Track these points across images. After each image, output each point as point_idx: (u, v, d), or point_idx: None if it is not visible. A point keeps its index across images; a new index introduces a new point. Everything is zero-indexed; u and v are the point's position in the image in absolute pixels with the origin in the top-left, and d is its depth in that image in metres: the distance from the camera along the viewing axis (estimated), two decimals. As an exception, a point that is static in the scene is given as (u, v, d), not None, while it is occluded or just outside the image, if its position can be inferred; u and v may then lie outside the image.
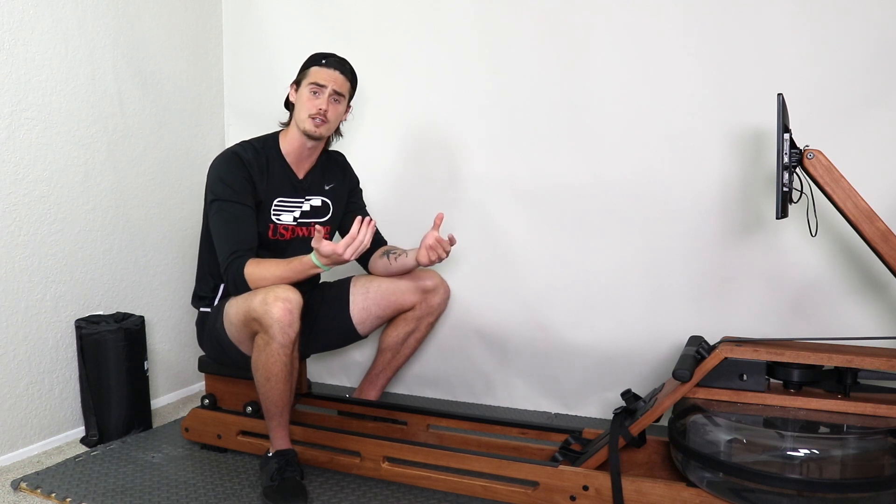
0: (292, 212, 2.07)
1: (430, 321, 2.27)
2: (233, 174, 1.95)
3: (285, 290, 1.78)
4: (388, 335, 2.28)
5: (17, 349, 2.10)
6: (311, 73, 2.00)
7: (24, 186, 2.09)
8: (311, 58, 2.04)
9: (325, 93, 1.98)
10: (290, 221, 2.07)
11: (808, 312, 2.12)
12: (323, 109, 1.97)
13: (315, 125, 1.99)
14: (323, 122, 1.99)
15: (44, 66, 2.12)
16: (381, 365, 2.33)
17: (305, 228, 2.11)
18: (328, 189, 2.15)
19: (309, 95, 1.98)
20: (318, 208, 2.13)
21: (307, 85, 1.99)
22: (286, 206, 2.06)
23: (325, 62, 2.01)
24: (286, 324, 1.75)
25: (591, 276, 2.35)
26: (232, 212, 1.93)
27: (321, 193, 2.14)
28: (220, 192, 1.94)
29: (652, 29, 2.19)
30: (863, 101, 2.00)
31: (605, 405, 2.41)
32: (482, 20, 2.38)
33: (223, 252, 1.92)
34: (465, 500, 1.82)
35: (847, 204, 1.65)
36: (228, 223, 1.93)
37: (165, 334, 2.60)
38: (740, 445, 1.55)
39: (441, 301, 2.24)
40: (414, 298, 2.20)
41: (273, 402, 1.84)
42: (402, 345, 2.29)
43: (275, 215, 2.04)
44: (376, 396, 2.35)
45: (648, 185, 2.24)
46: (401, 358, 2.32)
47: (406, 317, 2.24)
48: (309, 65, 2.03)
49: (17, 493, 1.89)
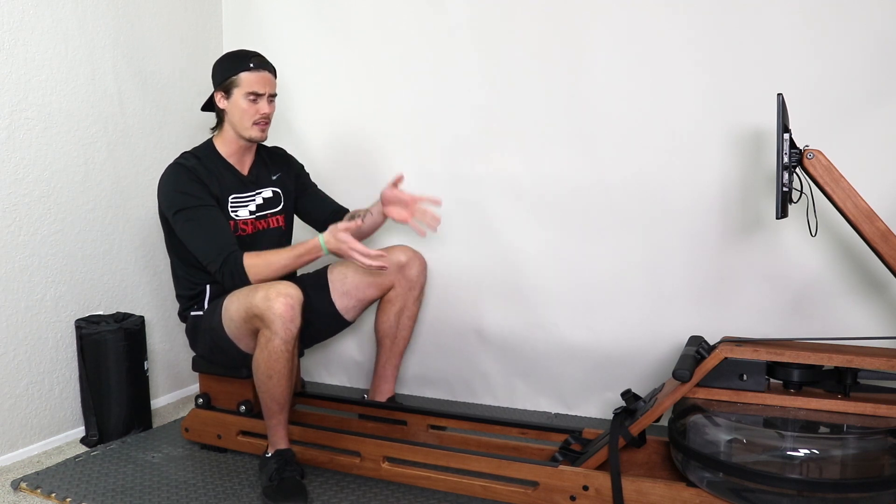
0: (247, 206, 2.10)
1: (414, 295, 2.26)
2: (185, 183, 1.97)
3: (286, 285, 1.79)
4: (381, 321, 2.29)
5: (17, 349, 2.10)
6: (243, 80, 2.00)
7: (24, 186, 2.09)
8: (234, 61, 2.03)
9: (264, 98, 2.03)
10: (247, 216, 2.09)
11: (808, 312, 2.12)
12: (266, 113, 2.04)
13: (261, 130, 2.05)
14: (266, 124, 2.06)
15: (44, 66, 2.12)
16: (384, 355, 2.32)
17: (263, 221, 2.14)
18: (275, 179, 2.19)
19: (247, 104, 2.01)
20: (270, 199, 2.16)
21: (244, 94, 2.01)
22: (240, 202, 2.09)
23: (254, 66, 2.01)
24: (288, 319, 1.76)
25: (592, 275, 2.35)
26: (203, 215, 1.95)
27: (270, 185, 2.17)
28: (182, 202, 1.96)
29: (652, 29, 2.18)
30: (863, 101, 2.00)
31: (605, 405, 2.41)
32: (483, 20, 2.38)
33: (210, 255, 1.92)
34: (465, 500, 1.82)
35: (847, 204, 1.65)
36: (204, 227, 1.94)
37: (165, 334, 2.60)
38: (740, 445, 1.55)
39: (418, 272, 2.24)
40: (391, 277, 2.22)
41: (275, 400, 1.84)
42: (397, 327, 2.28)
43: (232, 211, 2.06)
44: (392, 390, 2.34)
45: (649, 185, 2.24)
46: (401, 341, 2.31)
47: (390, 298, 2.25)
48: (234, 70, 2.01)
49: (17, 493, 1.90)
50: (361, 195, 2.39)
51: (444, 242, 2.48)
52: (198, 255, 1.95)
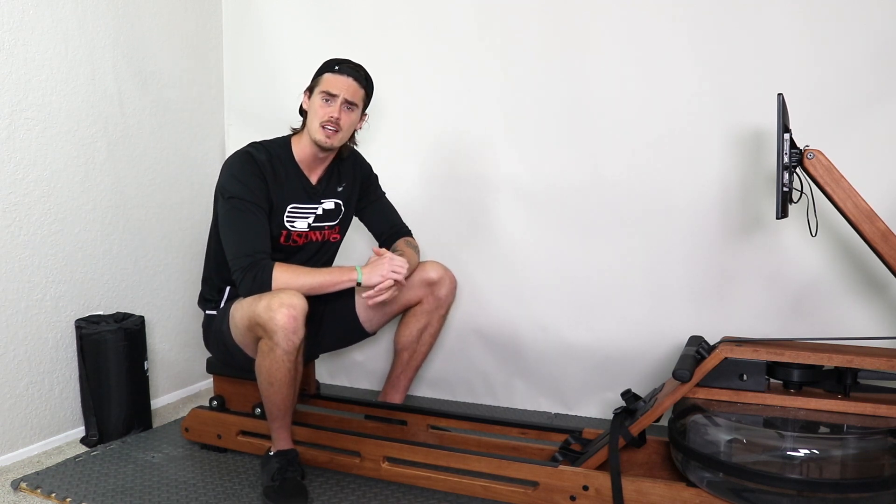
0: (307, 218, 2.04)
1: (441, 314, 2.22)
2: (247, 173, 1.92)
3: (290, 295, 1.74)
4: (402, 335, 2.25)
5: (17, 349, 2.10)
6: (324, 80, 1.95)
7: (24, 186, 2.09)
8: (325, 64, 1.99)
9: (337, 101, 1.93)
10: (304, 228, 2.04)
11: (808, 312, 2.12)
12: (335, 117, 1.92)
13: (326, 135, 1.94)
14: (335, 131, 1.94)
15: (44, 66, 2.12)
16: (400, 366, 2.29)
17: (318, 233, 2.08)
18: (341, 190, 2.12)
19: (321, 104, 1.93)
20: (329, 211, 2.10)
21: (319, 93, 1.94)
22: (300, 213, 2.03)
23: (338, 69, 1.95)
24: (290, 330, 1.72)
25: (592, 275, 2.35)
26: (248, 212, 1.89)
27: (334, 196, 2.10)
28: (236, 191, 1.90)
29: (652, 29, 2.19)
30: (863, 101, 2.00)
31: (605, 405, 2.41)
32: (483, 20, 2.38)
33: (240, 252, 1.87)
34: (465, 500, 1.82)
35: (847, 204, 1.65)
36: (246, 224, 1.89)
37: (165, 334, 2.60)
38: (740, 445, 1.55)
39: (448, 292, 2.19)
40: (420, 292, 2.18)
41: (276, 406, 1.84)
42: (417, 342, 2.24)
43: (288, 222, 2.00)
44: (401, 399, 2.31)
45: (649, 185, 2.24)
46: (419, 356, 2.28)
47: (415, 312, 2.21)
48: (322, 71, 1.98)
49: (17, 493, 1.89)
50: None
51: (443, 243, 2.48)
52: (228, 246, 1.90)
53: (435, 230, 2.48)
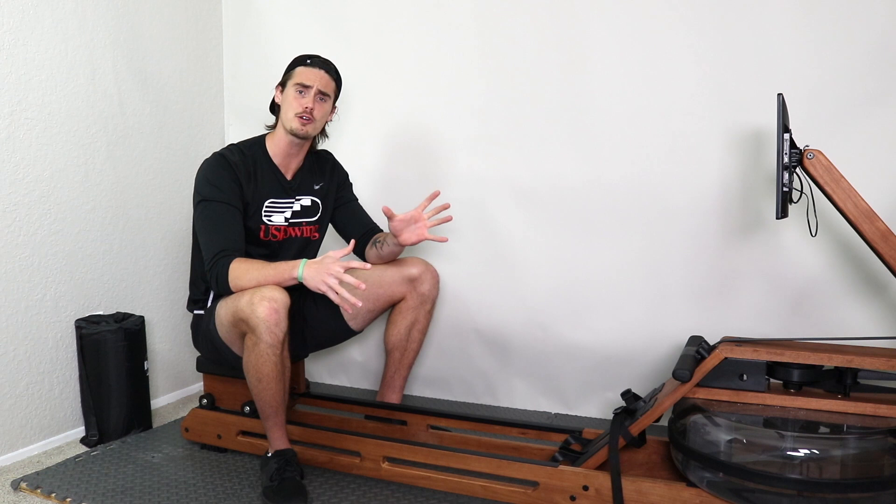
0: (283, 212, 2.08)
1: (426, 309, 2.24)
2: (219, 175, 1.96)
3: (271, 289, 1.77)
4: (391, 334, 2.27)
5: (17, 349, 2.10)
6: (297, 73, 2.01)
7: (24, 186, 2.09)
8: (295, 59, 2.06)
9: (311, 92, 1.99)
10: (281, 222, 2.08)
11: (808, 312, 2.12)
12: (309, 108, 1.98)
13: (302, 123, 1.99)
14: (309, 120, 2.00)
15: (44, 66, 2.12)
16: (393, 366, 2.31)
17: (297, 228, 2.12)
18: (317, 188, 2.16)
19: (295, 95, 1.99)
20: (307, 208, 2.14)
21: (293, 85, 2.00)
22: (277, 207, 2.07)
23: (310, 62, 2.03)
24: (272, 323, 1.75)
25: (592, 275, 2.35)
26: (219, 212, 1.94)
27: (310, 193, 2.15)
28: (207, 193, 1.95)
29: (652, 29, 2.19)
30: (863, 101, 2.00)
31: (605, 405, 2.41)
32: (482, 19, 2.38)
33: (209, 251, 1.92)
34: (465, 500, 1.82)
35: (847, 204, 1.65)
36: (215, 223, 1.94)
37: (165, 334, 2.60)
38: (740, 445, 1.55)
39: (430, 287, 2.22)
40: (402, 289, 2.20)
41: (267, 403, 1.84)
42: (407, 340, 2.26)
43: (266, 217, 2.05)
44: (398, 398, 2.32)
45: (649, 184, 2.24)
46: (410, 354, 2.30)
47: (401, 310, 2.24)
48: (294, 65, 2.04)
49: (17, 493, 1.89)
50: (361, 195, 2.38)
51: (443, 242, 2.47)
52: (203, 248, 1.95)
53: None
